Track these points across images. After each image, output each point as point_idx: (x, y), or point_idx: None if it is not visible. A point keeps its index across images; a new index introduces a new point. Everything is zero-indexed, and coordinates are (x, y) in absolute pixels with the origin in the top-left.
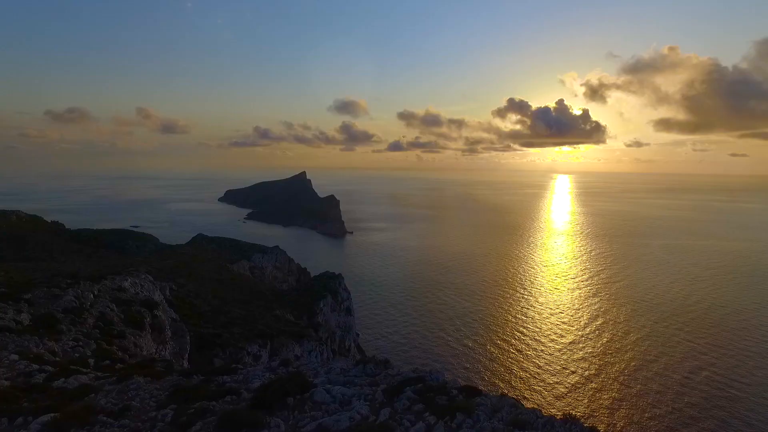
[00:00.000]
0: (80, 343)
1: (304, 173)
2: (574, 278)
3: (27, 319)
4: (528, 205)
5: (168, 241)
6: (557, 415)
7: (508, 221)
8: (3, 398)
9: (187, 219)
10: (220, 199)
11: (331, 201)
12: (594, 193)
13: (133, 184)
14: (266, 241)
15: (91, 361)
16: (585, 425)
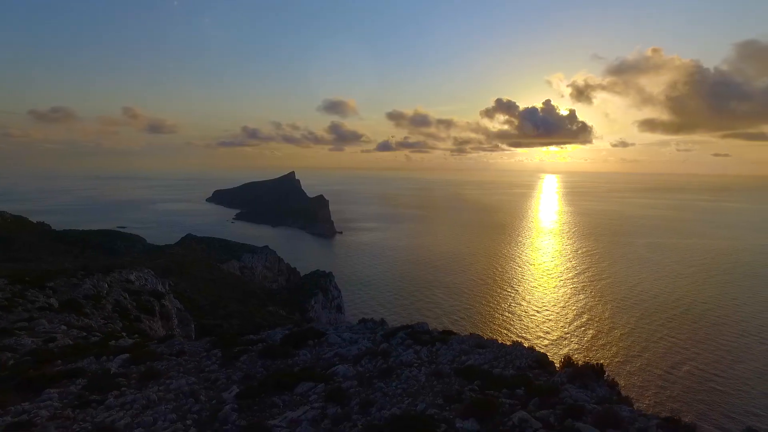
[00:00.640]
0: (109, 322)
1: (293, 173)
2: (560, 276)
3: (56, 303)
4: (516, 205)
5: (156, 241)
6: (508, 342)
7: (497, 221)
8: (77, 349)
9: (175, 219)
10: (208, 200)
11: (321, 201)
12: (580, 193)
13: (119, 184)
14: (255, 241)
15: (124, 334)
16: (526, 346)
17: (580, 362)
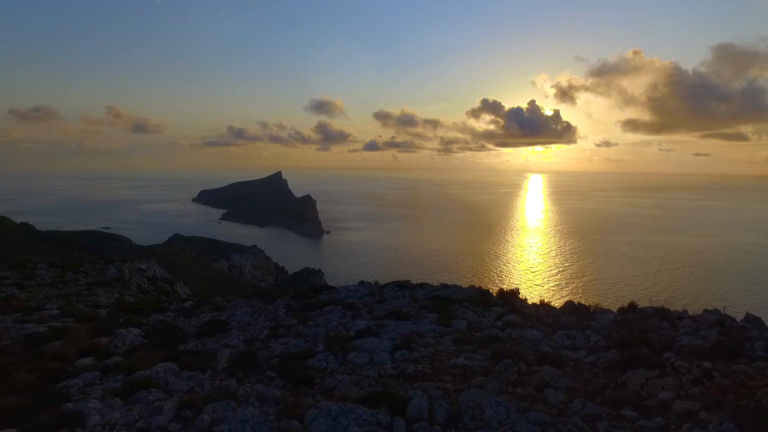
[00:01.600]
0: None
1: (279, 173)
2: (544, 273)
3: (93, 283)
4: (502, 204)
5: (142, 242)
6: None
7: (483, 220)
8: (147, 301)
9: (161, 220)
10: (194, 200)
11: (308, 201)
12: (566, 192)
13: (102, 184)
14: (243, 241)
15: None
16: (476, 286)
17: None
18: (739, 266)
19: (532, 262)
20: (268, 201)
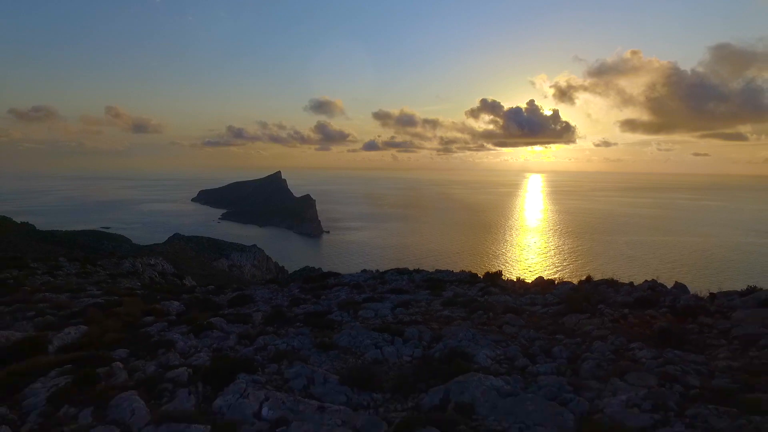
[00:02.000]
0: None
1: (279, 173)
2: (543, 273)
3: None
4: (502, 204)
5: (142, 241)
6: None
7: (483, 220)
8: (174, 286)
9: (161, 220)
10: (194, 200)
11: (307, 201)
12: (565, 192)
13: (102, 184)
14: (243, 240)
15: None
16: (465, 271)
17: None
18: (738, 265)
19: (531, 261)
20: (268, 201)
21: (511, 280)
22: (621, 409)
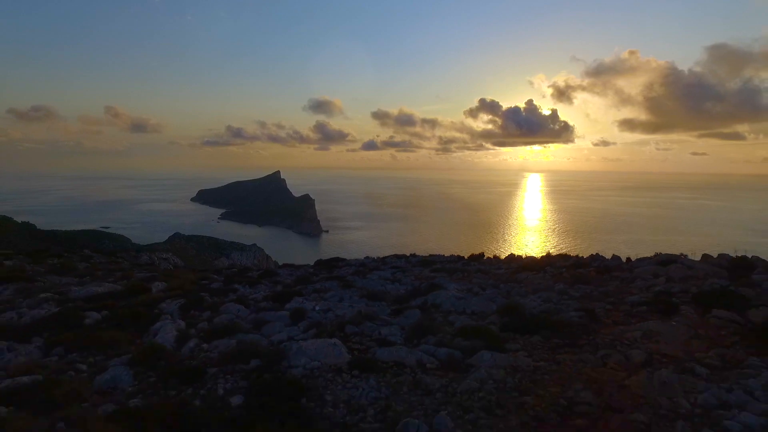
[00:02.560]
0: None
1: (278, 173)
2: None
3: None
4: (501, 204)
5: (142, 241)
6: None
7: (482, 219)
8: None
9: (160, 219)
10: (193, 199)
11: (307, 200)
12: (563, 191)
13: (101, 184)
14: (242, 240)
15: None
16: (459, 255)
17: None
18: None
19: None
20: (267, 200)
21: (489, 258)
22: (526, 301)
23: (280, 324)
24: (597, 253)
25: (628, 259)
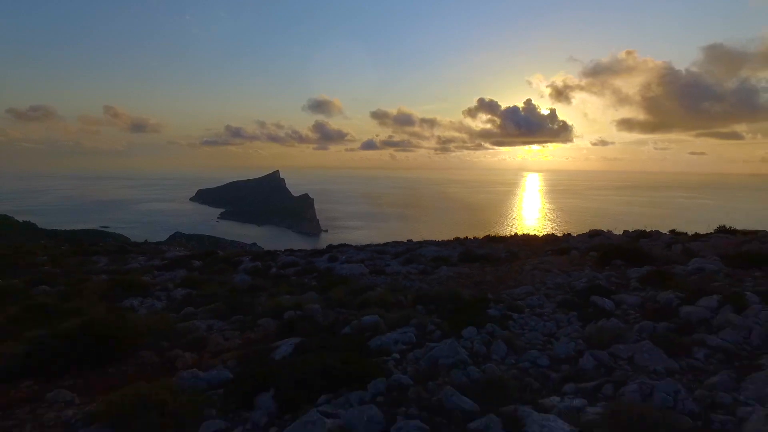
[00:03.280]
0: None
1: (277, 172)
2: None
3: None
4: (500, 203)
5: (142, 240)
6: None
7: (482, 219)
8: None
9: (159, 219)
10: (192, 199)
11: (306, 200)
12: (562, 191)
13: (101, 184)
14: (242, 239)
15: None
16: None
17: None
18: None
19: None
20: (266, 200)
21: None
22: (478, 251)
23: (323, 260)
24: (553, 233)
25: (570, 234)
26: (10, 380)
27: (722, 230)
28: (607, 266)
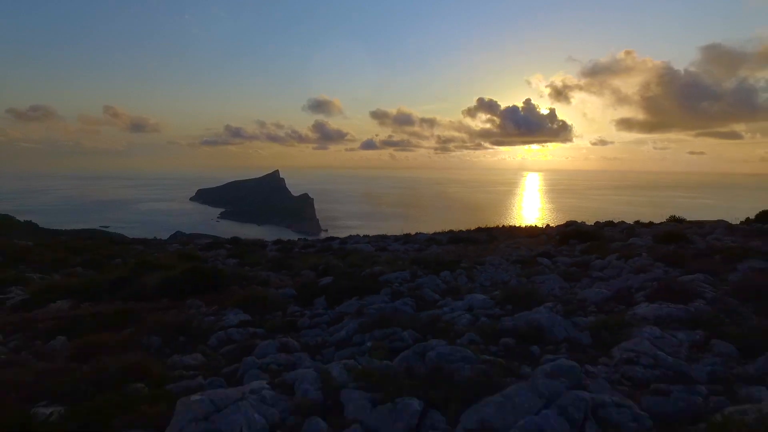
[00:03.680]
0: None
1: (277, 172)
2: None
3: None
4: (500, 203)
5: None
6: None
7: (482, 218)
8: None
9: (159, 219)
10: (192, 199)
11: (306, 200)
12: (562, 191)
13: (100, 184)
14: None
15: None
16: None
17: None
18: None
19: None
20: (266, 200)
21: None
22: (466, 235)
23: (336, 243)
24: (548, 225)
25: (549, 225)
26: (152, 299)
27: (672, 219)
28: (564, 244)
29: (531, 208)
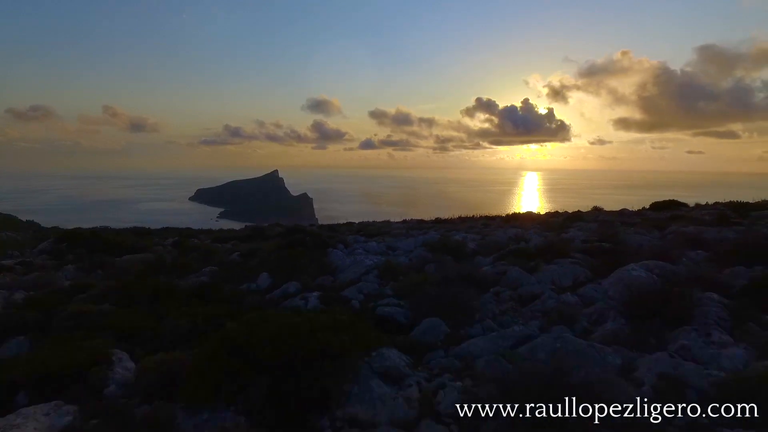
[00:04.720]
0: None
1: (276, 172)
2: None
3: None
4: (499, 202)
5: None
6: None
7: None
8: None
9: (159, 219)
10: (191, 198)
11: (305, 199)
12: (560, 190)
13: (99, 183)
14: None
15: None
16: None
17: None
18: None
19: None
20: (265, 199)
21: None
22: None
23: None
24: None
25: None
26: None
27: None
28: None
29: (530, 208)
